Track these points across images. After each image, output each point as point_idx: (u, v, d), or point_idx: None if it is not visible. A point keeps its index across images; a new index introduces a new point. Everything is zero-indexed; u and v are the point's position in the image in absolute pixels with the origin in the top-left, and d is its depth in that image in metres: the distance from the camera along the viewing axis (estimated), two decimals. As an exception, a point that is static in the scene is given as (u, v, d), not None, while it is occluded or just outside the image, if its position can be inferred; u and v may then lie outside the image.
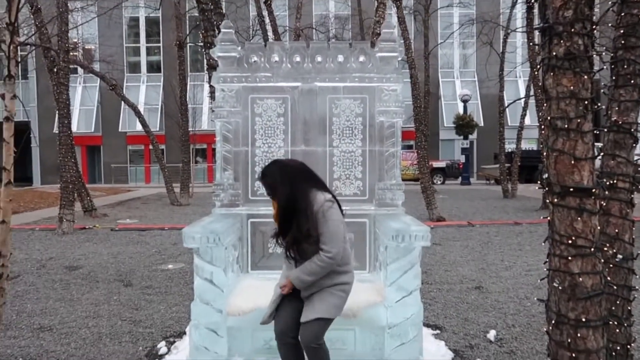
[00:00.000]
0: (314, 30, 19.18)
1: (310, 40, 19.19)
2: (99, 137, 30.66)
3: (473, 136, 27.37)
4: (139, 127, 29.18)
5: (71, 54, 12.07)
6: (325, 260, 2.40)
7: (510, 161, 16.59)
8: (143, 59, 31.11)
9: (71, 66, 12.03)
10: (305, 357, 2.54)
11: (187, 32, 16.93)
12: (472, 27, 22.05)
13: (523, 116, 15.79)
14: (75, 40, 18.63)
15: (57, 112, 9.62)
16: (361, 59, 3.60)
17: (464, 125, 24.16)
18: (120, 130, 30.24)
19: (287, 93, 3.60)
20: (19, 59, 2.62)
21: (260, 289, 3.07)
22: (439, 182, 24.31)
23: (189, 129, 15.72)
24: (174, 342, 3.60)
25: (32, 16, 10.42)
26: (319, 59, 3.60)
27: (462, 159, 24.74)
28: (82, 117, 30.43)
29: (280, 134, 3.60)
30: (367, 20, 18.30)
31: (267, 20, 12.02)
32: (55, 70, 10.22)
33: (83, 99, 29.82)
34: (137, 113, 14.40)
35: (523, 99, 16.24)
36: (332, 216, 2.44)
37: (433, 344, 3.50)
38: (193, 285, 5.11)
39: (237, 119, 3.57)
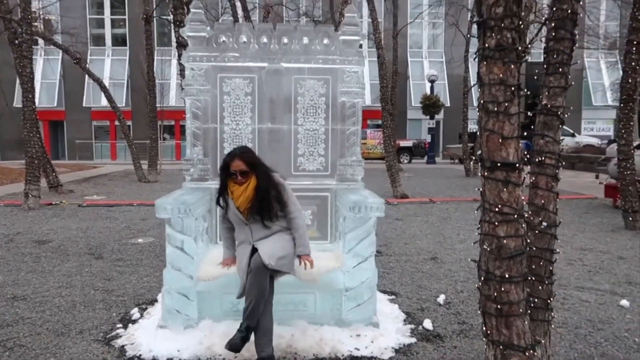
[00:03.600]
0: (284, 7, 19.06)
1: (280, 17, 19.11)
2: (62, 112, 29.83)
3: (439, 116, 27.98)
4: (104, 102, 28.52)
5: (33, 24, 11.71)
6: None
7: (474, 141, 17.15)
8: (108, 31, 30.20)
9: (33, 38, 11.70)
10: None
11: (154, 6, 16.57)
12: (441, 8, 22.34)
13: (486, 97, 16.29)
14: (35, 10, 17.97)
15: (20, 86, 9.42)
16: (325, 41, 3.80)
17: (430, 105, 24.66)
18: (84, 105, 29.48)
19: (255, 73, 3.78)
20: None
21: (228, 257, 3.30)
22: (405, 161, 24.84)
23: (157, 105, 15.55)
24: (146, 308, 3.81)
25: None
26: (285, 40, 3.79)
27: (429, 138, 25.32)
28: (44, 91, 29.45)
29: (247, 112, 3.80)
30: (337, -2, 18.32)
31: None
32: (17, 42, 9.97)
33: (45, 72, 28.84)
34: (103, 88, 14.17)
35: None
36: (290, 189, 3.12)
37: (388, 306, 3.83)
38: (163, 258, 5.31)
39: (206, 97, 3.74)
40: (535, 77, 2.69)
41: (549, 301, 2.59)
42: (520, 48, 2.10)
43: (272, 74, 3.79)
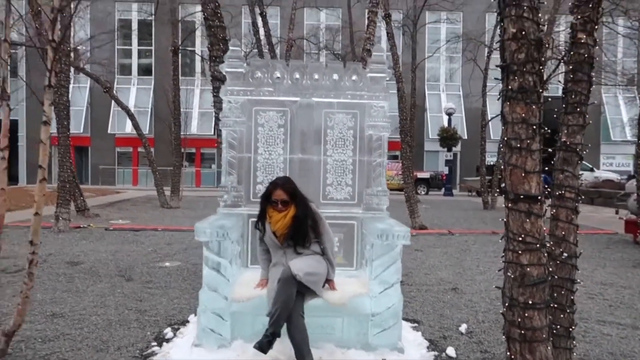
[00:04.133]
0: (304, 40, 19.68)
1: (302, 50, 19.70)
2: (87, 138, 30.69)
3: (457, 148, 28.10)
4: (128, 129, 29.28)
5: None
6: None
7: (491, 174, 17.19)
8: (134, 61, 31.33)
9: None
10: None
11: (181, 39, 17.25)
12: (458, 43, 22.80)
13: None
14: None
15: (55, 114, 9.89)
16: (354, 77, 4.04)
17: (448, 137, 24.86)
18: (109, 131, 30.33)
19: (287, 106, 4.03)
20: (57, 70, 3.00)
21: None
22: (422, 193, 24.89)
23: (181, 134, 16.04)
24: (179, 328, 3.97)
25: (31, 17, 10.69)
26: (316, 76, 4.04)
27: (446, 170, 25.42)
28: (72, 118, 30.33)
29: (280, 142, 4.03)
30: (357, 32, 18.89)
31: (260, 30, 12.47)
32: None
33: (73, 100, 29.78)
34: (131, 116, 14.70)
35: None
36: (324, 219, 3.38)
37: (411, 333, 3.94)
38: (191, 281, 5.50)
39: (241, 128, 3.99)
40: (555, 116, 2.87)
41: (570, 329, 2.70)
42: (540, 90, 2.30)
43: (304, 108, 4.04)
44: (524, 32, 2.22)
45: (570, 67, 2.77)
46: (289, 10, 17.04)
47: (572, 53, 2.78)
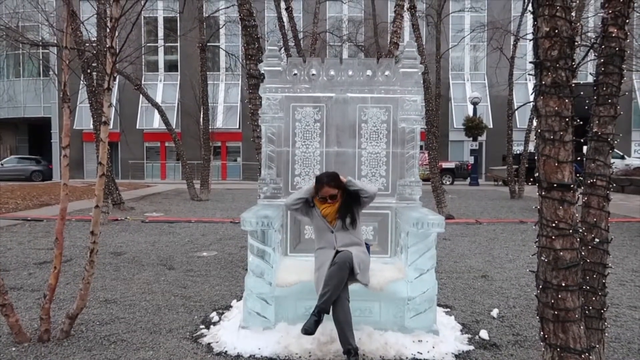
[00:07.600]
0: (327, 33, 19.75)
1: (325, 42, 19.79)
2: (116, 134, 31.48)
3: (482, 138, 27.85)
4: (155, 124, 29.91)
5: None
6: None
7: (518, 163, 17.06)
8: (161, 58, 31.92)
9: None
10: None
11: (208, 36, 17.52)
12: (483, 32, 22.52)
13: (531, 119, 16.25)
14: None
15: (95, 111, 10.28)
16: (387, 73, 4.20)
17: (473, 127, 24.66)
18: (137, 127, 31.04)
19: (323, 102, 4.21)
20: (115, 74, 3.24)
21: (300, 267, 3.70)
22: (448, 183, 24.83)
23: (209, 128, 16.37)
24: (223, 312, 4.22)
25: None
26: (350, 72, 4.21)
27: (471, 160, 25.25)
28: (101, 114, 31.19)
29: (316, 137, 4.22)
30: (380, 24, 18.87)
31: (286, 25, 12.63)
32: (89, 71, 10.92)
33: (102, 97, 30.61)
34: (161, 112, 15.07)
35: (532, 103, 16.66)
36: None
37: (444, 318, 4.09)
38: (229, 270, 5.76)
39: (280, 124, 4.19)
40: (586, 107, 2.97)
41: (602, 311, 2.82)
42: (573, 85, 2.42)
43: (339, 103, 4.21)
44: (556, 31, 2.34)
45: (602, 60, 2.86)
46: (310, 3, 17.13)
47: (603, 46, 2.87)
